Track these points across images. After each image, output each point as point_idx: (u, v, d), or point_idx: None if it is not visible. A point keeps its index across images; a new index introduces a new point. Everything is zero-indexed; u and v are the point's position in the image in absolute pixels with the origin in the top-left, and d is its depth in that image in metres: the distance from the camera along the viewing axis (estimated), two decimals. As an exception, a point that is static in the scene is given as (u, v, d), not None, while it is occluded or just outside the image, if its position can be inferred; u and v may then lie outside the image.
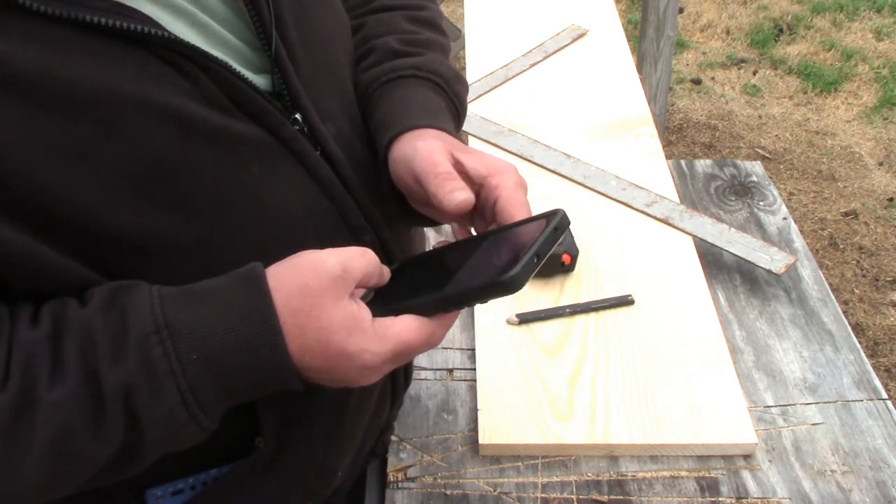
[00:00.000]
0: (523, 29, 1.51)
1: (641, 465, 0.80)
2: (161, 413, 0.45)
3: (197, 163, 0.49)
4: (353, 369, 0.48)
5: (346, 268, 0.48)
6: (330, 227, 0.58)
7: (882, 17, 3.48)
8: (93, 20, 0.43)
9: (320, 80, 0.59)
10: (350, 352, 0.47)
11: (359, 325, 0.48)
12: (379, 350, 0.48)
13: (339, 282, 0.47)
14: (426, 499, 0.77)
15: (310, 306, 0.46)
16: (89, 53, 0.44)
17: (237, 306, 0.46)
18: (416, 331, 0.49)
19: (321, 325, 0.47)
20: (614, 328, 0.91)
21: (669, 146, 2.75)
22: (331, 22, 0.64)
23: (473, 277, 0.50)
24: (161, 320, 0.45)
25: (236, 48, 0.53)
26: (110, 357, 0.44)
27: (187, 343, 0.45)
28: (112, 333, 0.45)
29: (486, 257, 0.52)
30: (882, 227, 2.42)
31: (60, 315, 0.46)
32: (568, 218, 0.52)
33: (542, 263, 0.49)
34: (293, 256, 0.49)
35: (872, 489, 0.77)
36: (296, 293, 0.47)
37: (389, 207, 0.64)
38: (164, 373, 0.44)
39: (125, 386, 0.44)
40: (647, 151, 1.19)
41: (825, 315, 0.96)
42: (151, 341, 0.44)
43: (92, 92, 0.44)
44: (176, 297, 0.47)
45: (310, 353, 0.47)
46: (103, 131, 0.44)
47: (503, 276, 0.46)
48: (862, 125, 2.87)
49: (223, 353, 0.45)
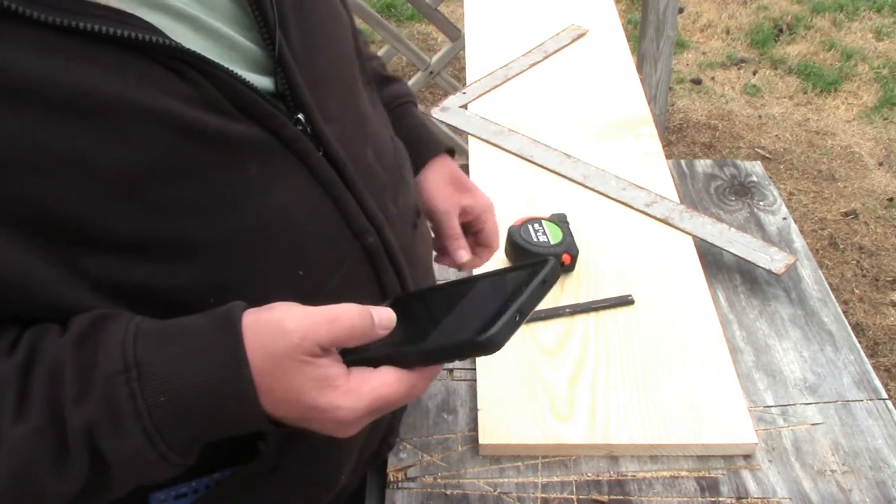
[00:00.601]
0: (523, 29, 1.51)
1: (641, 465, 0.80)
2: (127, 453, 0.44)
3: (198, 167, 0.49)
4: (328, 423, 0.48)
5: (306, 336, 0.46)
6: (332, 228, 0.58)
7: (882, 17, 3.48)
8: (93, 28, 0.43)
9: (323, 80, 0.59)
10: (322, 408, 0.46)
11: (330, 384, 0.46)
12: (354, 406, 0.47)
13: (297, 349, 0.45)
14: (426, 499, 0.77)
15: (273, 368, 0.45)
16: (90, 61, 0.44)
17: (210, 350, 0.45)
18: (395, 384, 0.47)
19: (287, 387, 0.46)
20: (614, 328, 0.91)
21: (669, 146, 2.75)
22: (332, 22, 0.64)
23: (453, 333, 0.48)
24: (131, 360, 0.44)
25: (242, 48, 0.53)
26: (75, 395, 0.44)
27: (155, 385, 0.44)
28: (80, 370, 0.44)
29: (471, 309, 0.50)
30: (882, 227, 2.43)
31: (36, 345, 0.45)
32: (559, 269, 0.50)
33: (526, 319, 0.46)
34: (265, 307, 0.48)
35: (872, 489, 0.77)
36: (261, 356, 0.45)
37: (392, 209, 0.64)
38: (129, 414, 0.44)
39: (88, 425, 0.43)
40: (647, 151, 1.19)
41: (825, 315, 0.96)
42: (118, 381, 0.44)
43: (93, 99, 0.44)
44: (151, 334, 0.46)
45: (280, 408, 0.47)
46: (104, 138, 0.44)
47: (480, 336, 0.44)
48: (862, 125, 2.87)
49: (191, 397, 0.44)
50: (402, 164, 0.72)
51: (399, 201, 0.67)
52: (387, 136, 0.71)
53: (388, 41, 2.16)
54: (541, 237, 0.97)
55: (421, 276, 0.70)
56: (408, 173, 0.74)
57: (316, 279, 0.57)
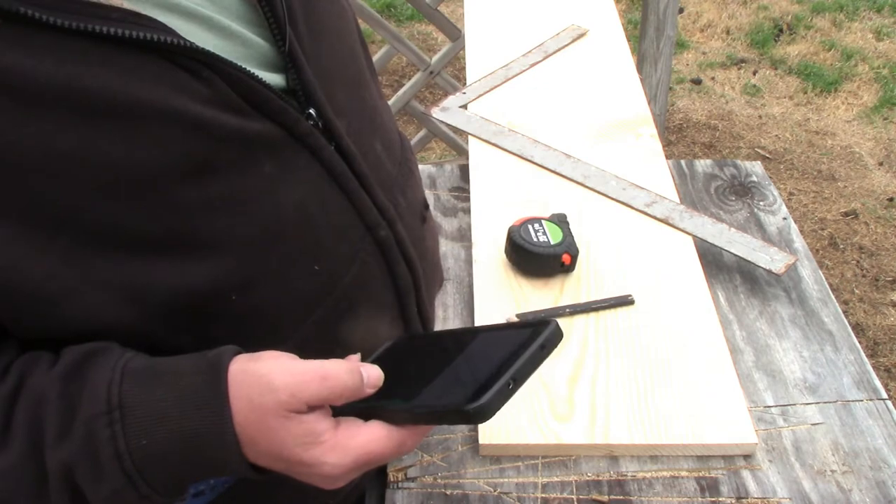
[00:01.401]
0: (523, 29, 1.51)
1: (641, 465, 0.80)
2: (107, 494, 0.44)
3: (215, 165, 0.49)
4: (314, 477, 0.48)
5: (294, 394, 0.45)
6: (346, 222, 0.58)
7: (882, 17, 3.48)
8: (109, 31, 0.43)
9: (331, 74, 0.59)
10: (307, 462, 0.46)
11: (315, 440, 0.46)
12: (339, 462, 0.46)
13: (283, 405, 0.45)
14: (426, 499, 0.77)
15: (257, 421, 0.45)
16: (107, 64, 0.44)
17: (194, 398, 0.45)
18: (383, 440, 0.47)
19: (271, 440, 0.46)
20: (614, 328, 0.91)
21: (669, 146, 2.75)
22: (337, 16, 0.64)
23: (443, 395, 0.46)
24: (115, 401, 0.44)
25: (253, 46, 0.53)
26: (56, 434, 0.44)
27: (138, 427, 0.44)
28: (64, 407, 0.44)
29: (464, 369, 0.48)
30: (882, 227, 2.43)
31: (24, 375, 0.45)
32: (560, 333, 0.47)
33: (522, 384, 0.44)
34: (255, 356, 0.48)
35: (872, 489, 0.77)
36: (246, 407, 0.46)
37: (401, 202, 0.64)
38: (110, 456, 0.44)
39: (67, 466, 0.44)
40: (647, 151, 1.19)
41: (825, 315, 0.96)
42: (101, 423, 0.44)
43: (112, 102, 0.44)
44: (139, 374, 0.46)
45: (264, 460, 0.47)
46: (124, 140, 0.45)
47: (469, 405, 0.43)
48: (862, 125, 2.87)
49: (172, 442, 0.45)
50: (408, 157, 0.72)
51: (408, 194, 0.68)
52: (393, 128, 0.71)
53: (387, 41, 2.16)
54: (541, 237, 0.97)
55: (429, 269, 0.71)
56: (414, 166, 0.74)
57: (332, 273, 0.57)
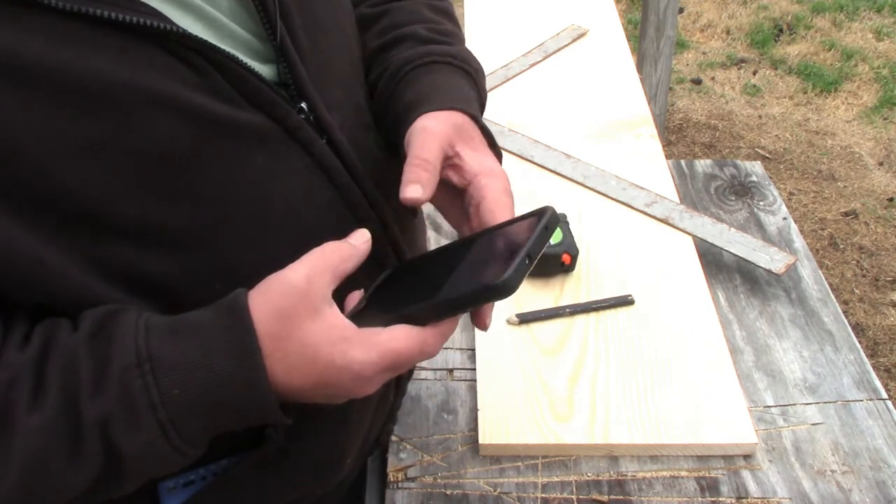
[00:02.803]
0: (523, 29, 1.51)
1: (641, 465, 0.80)
2: (141, 445, 0.45)
3: (205, 154, 0.49)
4: (346, 380, 0.48)
5: (310, 277, 0.47)
6: (336, 216, 0.58)
7: (882, 17, 3.48)
8: (103, 14, 0.43)
9: (324, 69, 0.59)
10: (338, 364, 0.47)
11: (341, 334, 0.47)
12: (366, 358, 0.47)
13: (308, 295, 0.47)
14: (426, 499, 0.77)
15: (288, 329, 0.46)
16: (100, 47, 0.44)
17: (220, 342, 0.46)
18: (404, 339, 0.48)
19: (303, 343, 0.46)
20: (614, 328, 0.91)
21: (669, 146, 2.75)
22: (334, 9, 0.64)
23: (465, 283, 0.49)
24: (144, 353, 0.45)
25: (243, 39, 0.53)
26: (91, 387, 0.44)
27: (169, 378, 0.45)
28: (95, 362, 0.44)
29: (478, 260, 0.51)
30: (882, 227, 2.43)
31: (50, 337, 0.45)
32: (557, 215, 0.50)
33: (535, 263, 0.47)
34: (264, 281, 0.49)
35: (872, 489, 0.77)
36: (272, 320, 0.46)
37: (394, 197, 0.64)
38: (144, 406, 0.44)
39: (104, 417, 0.44)
40: (647, 151, 1.19)
41: (825, 315, 0.96)
42: (133, 374, 0.44)
43: (104, 85, 0.44)
44: (161, 328, 0.46)
45: (298, 374, 0.47)
46: (115, 124, 0.45)
47: (496, 280, 0.45)
48: (862, 125, 2.87)
49: (204, 389, 0.45)
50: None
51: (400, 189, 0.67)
52: None
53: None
54: (541, 237, 0.97)
55: None
56: None
57: None
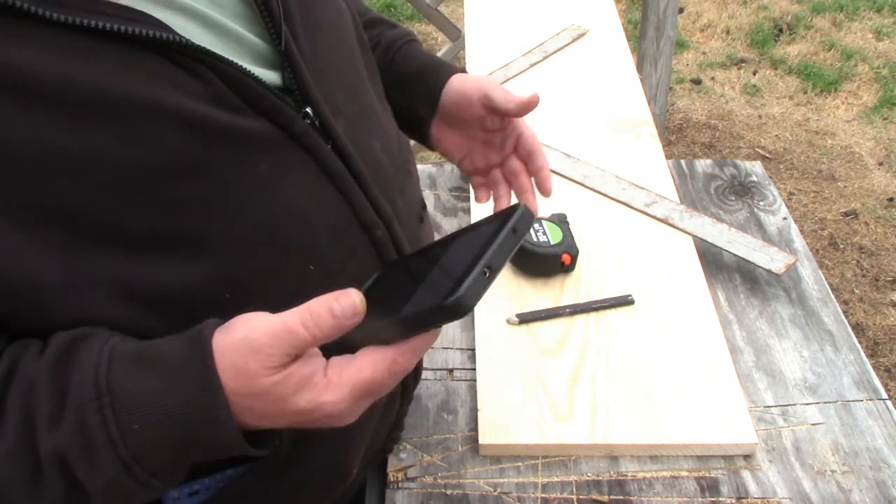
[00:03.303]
0: (523, 29, 1.51)
1: (641, 465, 0.80)
2: (103, 481, 0.44)
3: (210, 163, 0.49)
4: (320, 420, 0.47)
5: (273, 350, 0.44)
6: (342, 222, 0.58)
7: (882, 17, 3.49)
8: (105, 26, 0.43)
9: (329, 74, 0.59)
10: (307, 409, 0.45)
11: (306, 384, 0.45)
12: (337, 398, 0.45)
13: (267, 364, 0.44)
14: (426, 499, 0.77)
15: (247, 386, 0.45)
16: (103, 59, 0.44)
17: (182, 376, 0.44)
18: (370, 367, 0.45)
19: (266, 400, 0.45)
20: (614, 328, 0.91)
21: (669, 146, 2.75)
22: (335, 16, 0.64)
23: (424, 299, 0.45)
24: (104, 386, 0.43)
25: (249, 44, 0.53)
26: (48, 420, 0.43)
27: (128, 412, 0.43)
28: (54, 394, 0.44)
29: (444, 271, 0.47)
30: (882, 227, 2.43)
31: (15, 362, 0.45)
32: (531, 214, 0.45)
33: (498, 275, 0.43)
34: (230, 324, 0.46)
35: (872, 489, 0.77)
36: (232, 374, 0.45)
37: (399, 202, 0.64)
38: (103, 442, 0.43)
39: (60, 451, 0.43)
40: (647, 151, 1.19)
41: (825, 315, 0.96)
42: (91, 409, 0.43)
43: (108, 97, 0.44)
44: (125, 357, 0.45)
45: (267, 421, 0.46)
46: (119, 135, 0.45)
47: (447, 300, 0.41)
48: (862, 125, 2.87)
49: (165, 424, 0.44)
50: (407, 157, 0.72)
51: (406, 194, 0.67)
52: (392, 129, 0.71)
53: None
54: (541, 237, 0.97)
55: None
56: (413, 167, 0.74)
57: (327, 273, 0.57)
